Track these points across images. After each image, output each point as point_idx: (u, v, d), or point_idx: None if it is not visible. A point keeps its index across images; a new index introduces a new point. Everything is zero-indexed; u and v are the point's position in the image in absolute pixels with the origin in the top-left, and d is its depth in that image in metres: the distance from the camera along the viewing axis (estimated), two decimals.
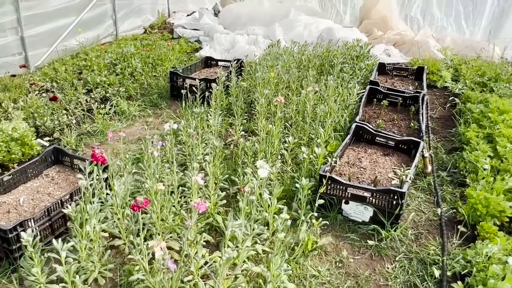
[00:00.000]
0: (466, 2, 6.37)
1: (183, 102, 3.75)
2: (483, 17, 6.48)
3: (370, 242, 2.48)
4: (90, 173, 2.19)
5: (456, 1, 6.45)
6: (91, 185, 2.18)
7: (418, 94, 3.88)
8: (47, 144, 3.48)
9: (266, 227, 2.44)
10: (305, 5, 7.39)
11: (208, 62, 5.18)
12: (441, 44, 6.05)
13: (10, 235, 2.13)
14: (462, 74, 4.88)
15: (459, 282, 2.13)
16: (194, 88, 3.73)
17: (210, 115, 3.52)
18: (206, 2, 8.23)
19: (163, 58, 5.43)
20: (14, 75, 4.64)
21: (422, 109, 3.71)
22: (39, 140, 3.45)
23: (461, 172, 3.12)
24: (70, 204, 2.20)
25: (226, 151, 3.36)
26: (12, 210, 2.50)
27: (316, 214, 2.43)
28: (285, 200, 2.69)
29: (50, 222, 2.35)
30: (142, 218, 2.22)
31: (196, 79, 4.25)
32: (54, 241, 1.89)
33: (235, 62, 4.39)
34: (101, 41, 6.33)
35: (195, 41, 6.78)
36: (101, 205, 2.31)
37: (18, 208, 2.52)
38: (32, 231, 1.92)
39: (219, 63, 5.15)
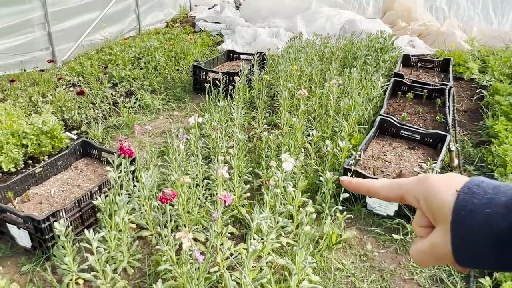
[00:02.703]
0: None
1: (207, 95, 3.78)
2: None
3: (395, 236, 2.47)
4: (118, 165, 2.24)
5: None
6: (119, 177, 2.24)
7: (444, 87, 3.81)
8: (75, 137, 3.57)
9: (290, 220, 2.45)
10: None
11: (230, 55, 5.20)
12: (468, 34, 5.90)
13: (43, 225, 2.20)
14: (489, 66, 4.75)
15: (487, 277, 2.10)
16: (217, 82, 3.76)
17: (233, 109, 3.54)
18: None
19: (186, 52, 5.48)
20: (42, 70, 4.77)
21: (448, 101, 3.64)
22: (67, 133, 3.55)
23: (489, 166, 3.06)
24: (99, 196, 2.27)
25: (249, 145, 3.38)
26: (44, 201, 2.58)
27: (340, 208, 2.43)
28: (309, 194, 2.70)
29: (80, 213, 2.43)
30: (169, 210, 2.27)
31: (219, 73, 4.27)
32: (86, 231, 1.96)
33: (257, 55, 4.39)
34: (125, 36, 6.41)
35: (217, 34, 6.80)
36: (128, 197, 2.37)
37: (50, 199, 2.61)
38: (64, 221, 1.99)
39: (241, 56, 5.16)
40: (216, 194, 2.34)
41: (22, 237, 2.35)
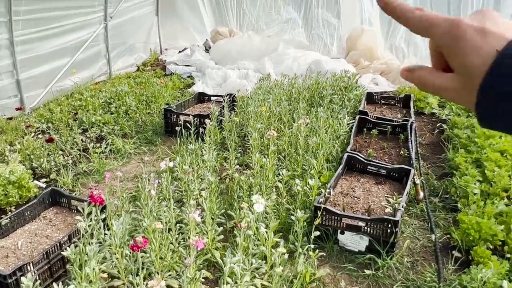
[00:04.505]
0: None
1: (178, 138, 3.82)
2: None
3: (367, 272, 2.51)
4: (89, 214, 2.22)
5: None
6: (89, 226, 2.22)
7: (406, 122, 4.00)
8: (44, 185, 3.51)
9: (264, 261, 2.46)
10: (293, 39, 7.63)
11: (201, 97, 5.30)
12: None
13: (9, 280, 2.13)
14: (448, 101, 5.02)
15: None
16: (188, 124, 3.81)
17: (205, 150, 3.59)
18: (197, 38, 8.46)
19: (157, 95, 5.55)
20: (10, 118, 4.71)
21: (411, 136, 3.81)
22: (36, 182, 3.49)
23: (453, 198, 3.19)
24: (69, 246, 2.23)
25: (222, 186, 3.41)
26: (11, 254, 2.50)
27: (312, 246, 2.47)
28: (281, 233, 2.73)
29: (49, 265, 2.36)
30: (141, 257, 2.24)
31: (190, 115, 4.34)
32: (54, 284, 1.91)
33: (228, 97, 4.50)
34: (95, 80, 6.45)
35: (188, 77, 6.93)
36: (99, 246, 2.33)
37: (17, 252, 2.53)
38: (32, 275, 1.94)
39: (212, 98, 5.27)
40: (189, 238, 2.34)
41: None
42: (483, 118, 0.45)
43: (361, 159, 3.39)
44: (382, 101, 5.00)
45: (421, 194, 3.20)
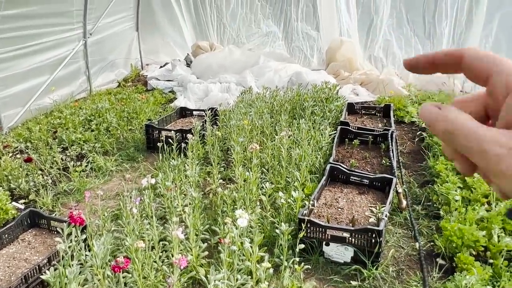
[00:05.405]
0: (424, 41, 6.77)
1: (160, 154, 3.78)
2: None
3: (353, 283, 2.51)
4: (69, 235, 2.17)
5: (414, 41, 6.85)
6: (69, 247, 2.16)
7: (387, 132, 4.04)
8: (22, 207, 3.42)
9: (250, 276, 2.43)
10: (273, 52, 7.70)
11: (183, 112, 5.27)
12: (405, 80, 6.37)
13: None
14: None
15: None
16: (170, 140, 3.79)
17: (188, 166, 3.56)
18: (178, 53, 8.46)
19: (138, 111, 5.50)
20: None
21: (392, 145, 3.86)
22: (14, 203, 3.40)
23: (435, 205, 3.23)
24: (48, 269, 2.16)
25: (205, 201, 3.38)
26: None
27: (298, 259, 2.45)
28: (266, 247, 2.71)
29: None
30: (123, 277, 2.19)
31: (172, 131, 4.31)
32: None
33: (210, 111, 4.50)
34: (75, 97, 6.37)
35: (169, 91, 6.90)
36: (80, 267, 2.27)
37: None
38: None
39: (194, 112, 5.26)
40: (173, 256, 2.30)
41: None
42: None
43: (344, 169, 3.41)
44: (363, 111, 5.06)
45: (404, 202, 3.23)
